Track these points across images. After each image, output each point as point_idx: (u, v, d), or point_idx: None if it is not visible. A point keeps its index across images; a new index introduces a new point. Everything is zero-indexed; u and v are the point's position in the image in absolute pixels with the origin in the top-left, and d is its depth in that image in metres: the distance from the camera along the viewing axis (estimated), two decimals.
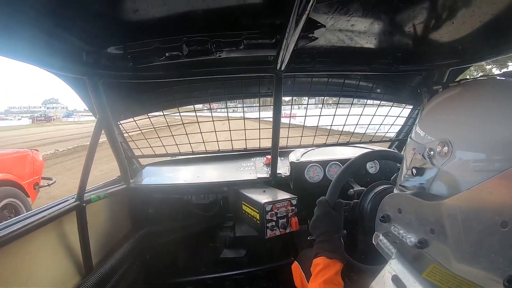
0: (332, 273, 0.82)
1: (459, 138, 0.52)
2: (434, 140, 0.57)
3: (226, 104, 1.62)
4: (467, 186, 0.48)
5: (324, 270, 0.83)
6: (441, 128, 0.58)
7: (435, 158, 0.56)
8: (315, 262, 0.87)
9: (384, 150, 1.37)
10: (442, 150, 0.54)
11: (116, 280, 1.26)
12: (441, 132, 0.57)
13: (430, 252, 0.53)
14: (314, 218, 0.97)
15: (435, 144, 0.56)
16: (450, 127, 0.57)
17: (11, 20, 0.64)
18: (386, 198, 0.67)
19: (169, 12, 0.81)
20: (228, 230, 1.83)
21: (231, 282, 1.81)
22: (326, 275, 0.81)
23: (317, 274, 0.83)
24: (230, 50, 1.01)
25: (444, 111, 0.62)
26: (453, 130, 0.55)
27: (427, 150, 0.58)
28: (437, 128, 0.60)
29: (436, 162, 0.56)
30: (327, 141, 1.86)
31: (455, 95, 0.63)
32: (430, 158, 0.57)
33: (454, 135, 0.53)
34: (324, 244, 0.89)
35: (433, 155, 0.56)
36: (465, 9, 0.81)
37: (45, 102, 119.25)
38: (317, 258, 0.86)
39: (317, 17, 0.86)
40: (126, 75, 1.07)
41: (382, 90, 1.67)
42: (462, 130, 0.54)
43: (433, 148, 0.56)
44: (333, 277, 0.81)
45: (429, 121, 0.64)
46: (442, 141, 0.54)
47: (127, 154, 1.62)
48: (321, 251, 0.87)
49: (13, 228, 0.89)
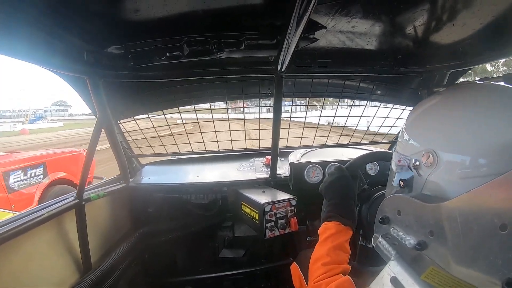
0: (343, 239, 0.80)
1: (443, 147, 0.53)
2: (419, 150, 0.56)
3: (226, 104, 1.62)
4: (454, 194, 0.48)
5: (336, 235, 0.80)
6: (425, 138, 0.58)
7: (421, 169, 0.56)
8: (326, 225, 0.84)
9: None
10: (427, 160, 0.54)
11: (114, 279, 1.26)
12: (425, 142, 0.57)
13: (429, 254, 0.53)
14: (329, 180, 0.94)
15: (420, 155, 0.56)
16: (433, 136, 0.57)
17: (11, 19, 0.64)
18: (386, 200, 0.67)
19: (170, 12, 0.81)
20: (227, 230, 1.83)
21: (230, 282, 1.81)
22: (337, 241, 0.79)
23: (327, 238, 0.80)
24: (231, 51, 1.01)
25: (426, 121, 0.62)
26: (436, 139, 0.55)
27: (412, 161, 0.57)
28: (420, 138, 0.60)
29: (422, 173, 0.56)
30: (327, 142, 1.86)
31: (436, 103, 0.63)
32: (416, 169, 0.57)
33: (437, 144, 0.54)
34: (339, 209, 0.86)
35: (419, 165, 0.56)
36: (466, 11, 0.81)
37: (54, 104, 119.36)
38: (329, 222, 0.84)
39: (318, 18, 0.86)
40: (126, 75, 1.07)
41: (382, 92, 1.67)
42: (445, 139, 0.54)
43: (419, 159, 0.56)
44: (343, 243, 0.79)
45: (412, 132, 0.64)
46: (427, 151, 0.54)
47: (127, 153, 1.62)
48: (335, 215, 0.84)
49: (12, 225, 0.89)
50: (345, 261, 0.77)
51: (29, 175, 3.45)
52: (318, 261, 0.77)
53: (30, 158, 3.64)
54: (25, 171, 3.41)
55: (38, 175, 3.56)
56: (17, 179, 3.32)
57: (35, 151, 4.35)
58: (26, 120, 57.03)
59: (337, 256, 0.77)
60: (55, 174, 3.76)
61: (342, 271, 0.74)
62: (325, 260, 0.76)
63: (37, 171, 3.56)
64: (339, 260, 0.76)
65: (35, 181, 3.51)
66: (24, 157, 3.65)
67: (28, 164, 3.47)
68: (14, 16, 0.64)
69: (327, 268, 0.74)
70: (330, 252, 0.77)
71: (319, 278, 0.73)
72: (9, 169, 3.26)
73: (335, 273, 0.73)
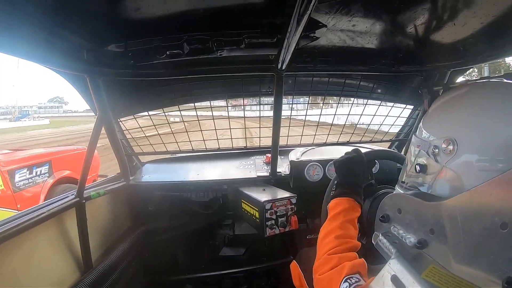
0: (355, 216, 0.81)
1: (465, 137, 0.52)
2: (440, 137, 0.56)
3: (227, 102, 1.62)
4: (470, 185, 0.48)
5: (349, 210, 0.82)
6: (447, 126, 0.58)
7: (440, 156, 0.56)
8: (338, 201, 0.85)
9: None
10: (447, 147, 0.54)
11: (115, 277, 1.26)
12: (447, 130, 0.57)
13: (429, 252, 0.53)
14: (346, 158, 0.95)
15: (440, 141, 0.55)
16: (456, 125, 0.57)
17: (12, 17, 0.64)
18: (386, 198, 0.67)
19: (170, 10, 0.81)
20: (228, 228, 1.84)
21: (230, 280, 1.81)
22: (349, 216, 0.80)
23: (340, 212, 0.81)
24: (231, 49, 1.01)
25: (450, 110, 0.62)
26: (459, 129, 0.55)
27: (431, 147, 0.57)
28: (443, 126, 0.60)
29: (440, 160, 0.55)
30: (327, 141, 1.86)
31: (462, 95, 0.63)
32: (434, 156, 0.57)
33: (460, 133, 0.53)
34: (353, 187, 0.87)
35: (437, 152, 0.56)
36: (467, 10, 0.81)
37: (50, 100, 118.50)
38: (343, 198, 0.85)
39: (318, 17, 0.86)
40: (126, 73, 1.07)
41: (383, 90, 1.67)
42: (468, 130, 0.54)
43: (438, 145, 0.56)
44: (355, 220, 0.81)
45: (435, 119, 0.64)
46: (448, 139, 0.54)
47: (127, 151, 1.62)
48: (349, 191, 0.85)
49: (12, 224, 0.89)
50: (355, 237, 0.78)
51: (35, 173, 3.38)
52: (331, 234, 0.77)
53: (36, 156, 3.57)
54: (31, 169, 3.34)
55: (43, 174, 3.49)
56: (23, 177, 3.24)
57: (40, 149, 4.25)
58: (13, 117, 55.35)
59: (349, 230, 0.78)
60: (60, 173, 3.71)
61: (354, 246, 0.75)
62: (338, 233, 0.76)
63: (43, 169, 3.49)
64: (351, 235, 0.77)
65: (40, 180, 3.44)
66: (30, 155, 3.56)
67: (33, 162, 3.39)
68: (14, 15, 0.64)
69: (340, 241, 0.75)
70: (342, 226, 0.78)
71: (332, 251, 0.73)
72: (14, 168, 3.17)
73: (348, 247, 0.74)
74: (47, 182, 3.51)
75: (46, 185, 3.49)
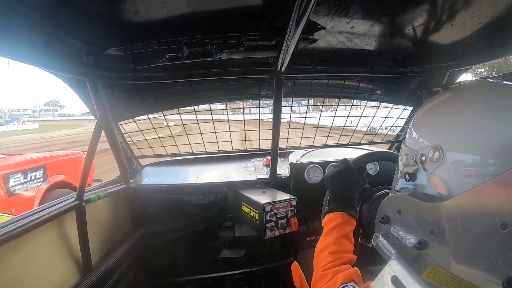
0: (349, 230, 0.82)
1: (450, 143, 0.52)
2: (426, 145, 0.57)
3: (226, 105, 1.62)
4: (458, 192, 0.48)
5: (342, 225, 0.82)
6: (433, 134, 0.58)
7: (427, 164, 0.56)
8: (332, 216, 0.85)
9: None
10: (433, 155, 0.54)
11: (115, 280, 1.26)
12: (433, 137, 0.57)
13: (429, 253, 0.53)
14: (334, 172, 0.95)
15: (426, 149, 0.56)
16: (441, 132, 0.57)
17: (11, 21, 0.64)
18: (386, 200, 0.67)
19: (169, 14, 0.81)
20: (228, 230, 1.84)
21: (231, 282, 1.81)
22: (343, 231, 0.81)
23: (333, 228, 0.82)
24: (231, 52, 1.01)
25: (435, 116, 0.62)
26: (443, 135, 0.55)
27: (419, 155, 0.58)
28: (428, 133, 0.60)
29: (427, 168, 0.56)
30: (326, 143, 1.87)
31: (445, 100, 0.63)
32: (422, 164, 0.57)
33: (444, 140, 0.54)
34: (344, 200, 0.88)
35: (424, 160, 0.56)
36: (465, 11, 0.81)
37: (46, 103, 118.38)
38: (336, 213, 0.85)
39: (317, 19, 0.86)
40: (126, 76, 1.08)
41: (382, 92, 1.67)
42: (452, 135, 0.54)
43: (425, 153, 0.56)
44: (349, 233, 0.81)
45: (421, 127, 0.64)
46: (434, 146, 0.54)
47: (127, 154, 1.62)
48: (341, 205, 0.86)
49: (12, 226, 0.89)
50: (350, 251, 0.79)
51: (29, 178, 3.38)
52: (325, 250, 0.78)
53: (30, 160, 3.58)
54: (25, 174, 3.34)
55: (38, 178, 3.49)
56: (17, 182, 3.25)
57: (35, 154, 4.26)
58: (3, 120, 54.58)
59: (343, 245, 0.78)
60: (54, 177, 3.70)
61: (349, 260, 0.75)
62: (332, 249, 0.77)
63: (37, 174, 3.49)
64: (345, 249, 0.78)
65: (35, 184, 3.44)
66: (24, 160, 3.58)
67: (28, 167, 3.40)
68: (14, 19, 0.64)
69: (335, 257, 0.75)
70: (337, 241, 0.78)
71: (327, 267, 0.74)
72: (8, 172, 3.18)
73: (343, 261, 0.74)
74: (41, 187, 3.51)
75: (40, 189, 3.48)
